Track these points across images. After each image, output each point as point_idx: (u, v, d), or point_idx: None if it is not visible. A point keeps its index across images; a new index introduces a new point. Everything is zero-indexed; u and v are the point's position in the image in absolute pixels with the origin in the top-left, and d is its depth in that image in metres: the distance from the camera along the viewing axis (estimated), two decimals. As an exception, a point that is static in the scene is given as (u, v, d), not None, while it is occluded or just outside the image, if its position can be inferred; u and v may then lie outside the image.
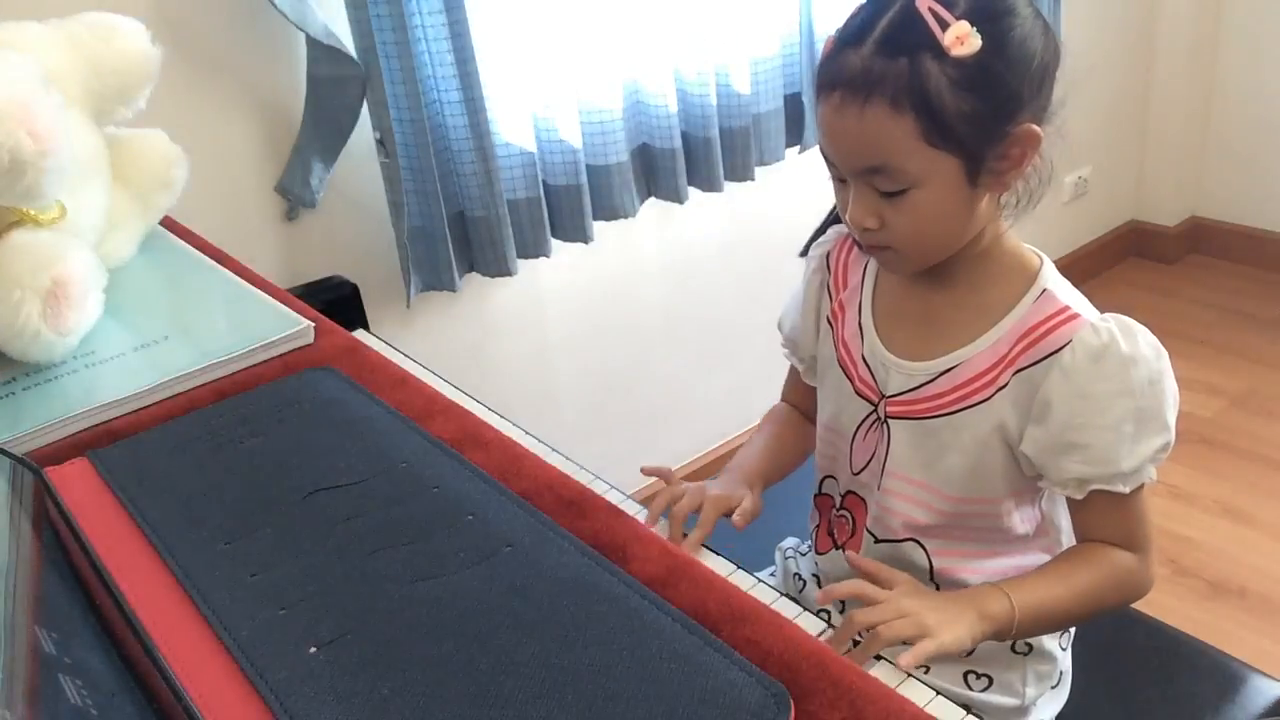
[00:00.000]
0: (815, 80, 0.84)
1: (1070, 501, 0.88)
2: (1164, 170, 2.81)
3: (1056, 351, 0.83)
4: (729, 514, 0.90)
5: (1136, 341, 0.83)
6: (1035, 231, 0.92)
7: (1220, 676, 1.05)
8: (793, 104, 1.88)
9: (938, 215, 0.82)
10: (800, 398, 1.09)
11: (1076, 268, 2.70)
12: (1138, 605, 1.13)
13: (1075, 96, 0.86)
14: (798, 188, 2.05)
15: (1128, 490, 0.84)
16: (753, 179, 1.85)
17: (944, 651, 0.74)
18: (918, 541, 0.93)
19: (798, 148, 1.93)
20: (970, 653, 0.90)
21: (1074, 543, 0.94)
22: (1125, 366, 0.82)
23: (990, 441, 0.88)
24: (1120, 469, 0.83)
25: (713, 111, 1.74)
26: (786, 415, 1.10)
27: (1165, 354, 0.84)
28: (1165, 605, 1.75)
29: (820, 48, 1.82)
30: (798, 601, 0.80)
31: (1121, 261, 2.88)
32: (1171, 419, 0.84)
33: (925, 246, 0.85)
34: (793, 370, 1.10)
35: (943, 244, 0.86)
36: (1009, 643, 0.92)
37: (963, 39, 0.77)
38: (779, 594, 0.76)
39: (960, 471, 0.89)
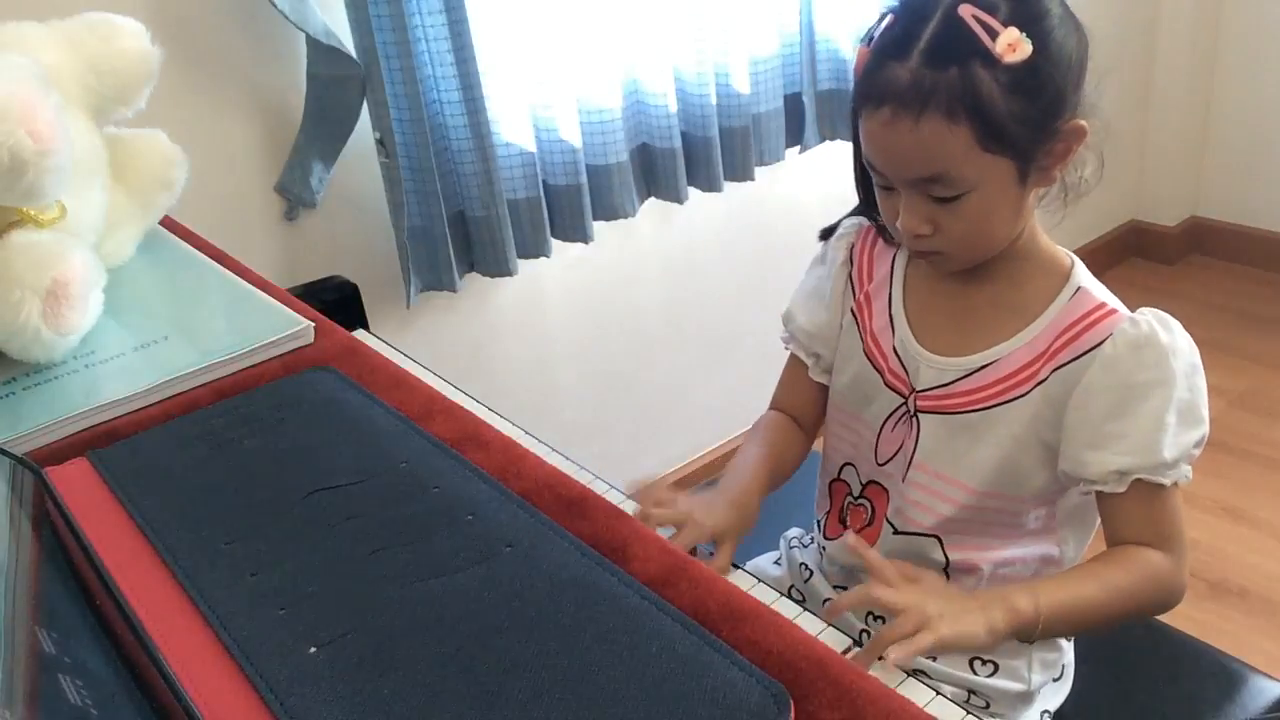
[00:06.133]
0: (857, 94, 0.84)
1: (1105, 503, 0.87)
2: (1164, 170, 2.81)
3: (1097, 346, 0.84)
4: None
5: (1174, 333, 0.84)
6: (1035, 231, 0.93)
7: (1220, 676, 1.05)
8: (793, 104, 1.87)
9: (990, 216, 0.84)
10: (799, 403, 1.06)
11: (1076, 268, 2.69)
12: (1138, 605, 1.14)
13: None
14: (798, 188, 2.05)
15: (1169, 483, 0.84)
16: (753, 179, 1.85)
17: (945, 646, 0.73)
18: (935, 536, 0.94)
19: (798, 148, 1.93)
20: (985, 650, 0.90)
21: (1077, 536, 0.94)
22: (1165, 357, 0.83)
23: (1025, 438, 0.88)
24: (1163, 458, 0.83)
25: (713, 111, 1.74)
26: (781, 425, 1.06)
27: (1198, 349, 0.85)
28: (1165, 605, 1.75)
29: (820, 48, 1.84)
30: (800, 599, 0.80)
31: (1121, 261, 2.88)
32: (1206, 414, 0.85)
33: (977, 247, 0.87)
34: (792, 372, 1.07)
35: (993, 243, 0.87)
36: None
37: (1014, 46, 0.78)
38: (779, 594, 0.76)
39: (989, 466, 0.90)
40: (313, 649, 0.53)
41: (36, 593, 0.53)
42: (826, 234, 1.05)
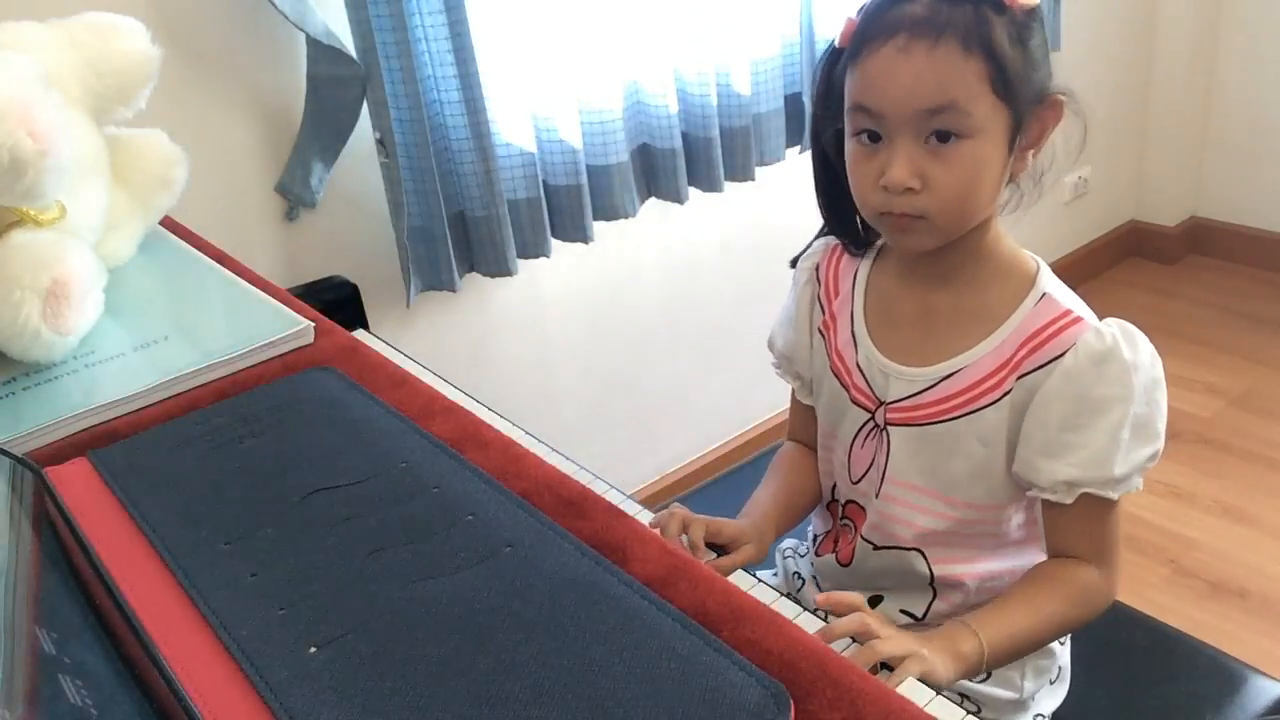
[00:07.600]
0: (863, 33, 0.82)
1: (1048, 509, 0.88)
2: (1164, 170, 2.81)
3: (1059, 356, 0.84)
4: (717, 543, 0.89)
5: (1138, 348, 0.84)
6: (1036, 231, 0.93)
7: (1220, 676, 1.05)
8: (793, 104, 1.88)
9: (979, 175, 0.82)
10: (806, 428, 1.06)
11: (1076, 268, 2.70)
12: (1137, 605, 1.14)
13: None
14: (798, 188, 2.05)
15: (1116, 497, 0.85)
16: (753, 179, 1.85)
17: (929, 673, 0.74)
18: (918, 550, 0.93)
19: (798, 148, 1.93)
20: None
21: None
22: (1126, 372, 0.83)
23: (995, 445, 0.88)
24: (1113, 474, 0.84)
25: (713, 111, 1.74)
26: (792, 457, 1.06)
27: (1160, 362, 0.85)
28: (1165, 605, 1.75)
29: (820, 48, 1.84)
30: (798, 602, 0.80)
31: (1121, 261, 2.88)
32: (1162, 428, 0.85)
33: (961, 209, 0.83)
34: (794, 399, 1.07)
35: (974, 210, 0.84)
36: None
37: None
38: (779, 594, 0.76)
39: (964, 477, 0.89)
40: (313, 649, 0.53)
41: (36, 593, 0.53)
42: (797, 260, 1.05)
